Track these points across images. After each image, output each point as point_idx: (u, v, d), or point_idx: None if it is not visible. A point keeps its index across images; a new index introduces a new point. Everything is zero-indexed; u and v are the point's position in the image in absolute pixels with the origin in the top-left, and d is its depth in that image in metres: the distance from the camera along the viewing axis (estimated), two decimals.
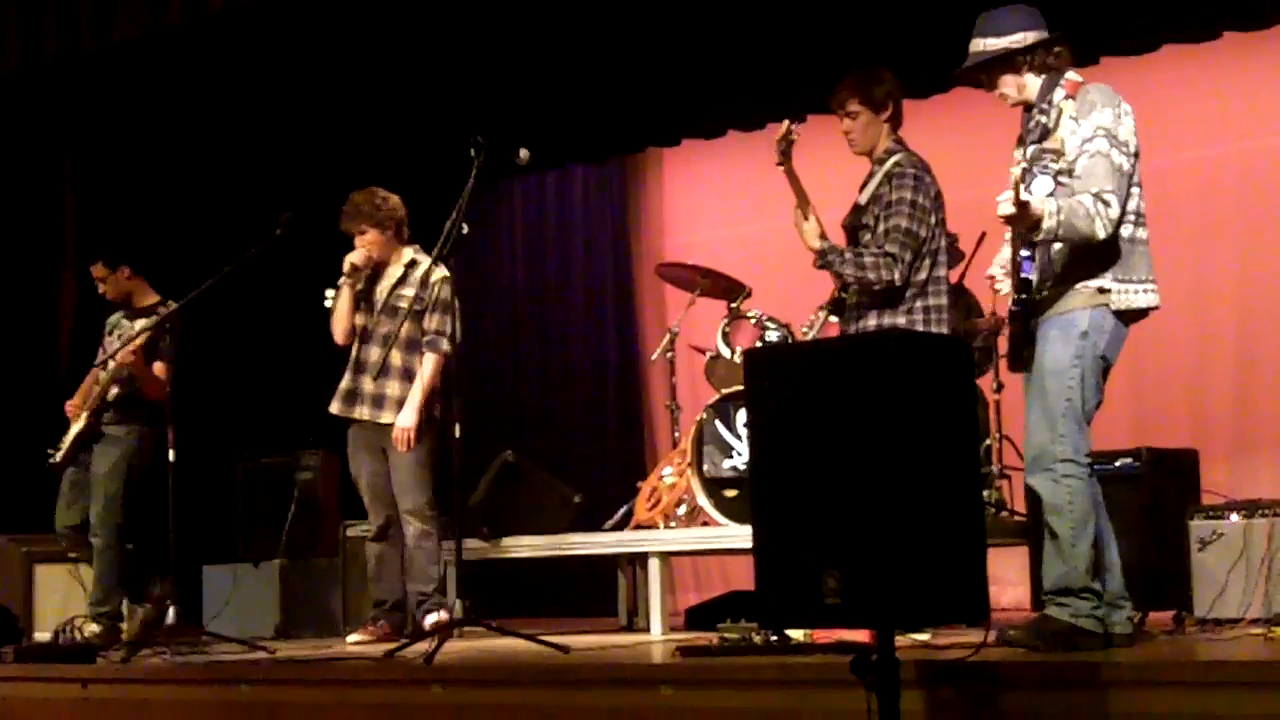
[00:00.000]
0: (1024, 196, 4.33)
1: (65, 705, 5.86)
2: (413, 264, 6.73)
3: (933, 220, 5.47)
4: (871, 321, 5.47)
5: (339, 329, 6.74)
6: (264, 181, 9.30)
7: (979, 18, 4.81)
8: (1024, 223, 4.40)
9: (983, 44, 4.75)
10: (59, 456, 7.18)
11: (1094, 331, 4.52)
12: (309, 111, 9.35)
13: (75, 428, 7.17)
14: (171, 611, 6.61)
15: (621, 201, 10.02)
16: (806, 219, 5.56)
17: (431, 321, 6.63)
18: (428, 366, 6.59)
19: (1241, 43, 7.45)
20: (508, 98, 8.86)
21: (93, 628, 6.93)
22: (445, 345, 6.52)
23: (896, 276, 5.37)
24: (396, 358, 6.60)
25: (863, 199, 5.58)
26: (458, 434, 5.99)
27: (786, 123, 5.57)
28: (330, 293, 6.73)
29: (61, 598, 7.61)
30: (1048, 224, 4.38)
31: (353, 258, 6.66)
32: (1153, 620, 5.52)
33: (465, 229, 6.09)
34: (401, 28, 8.78)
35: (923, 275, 5.46)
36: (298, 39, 8.81)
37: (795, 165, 5.61)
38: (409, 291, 6.65)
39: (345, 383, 6.69)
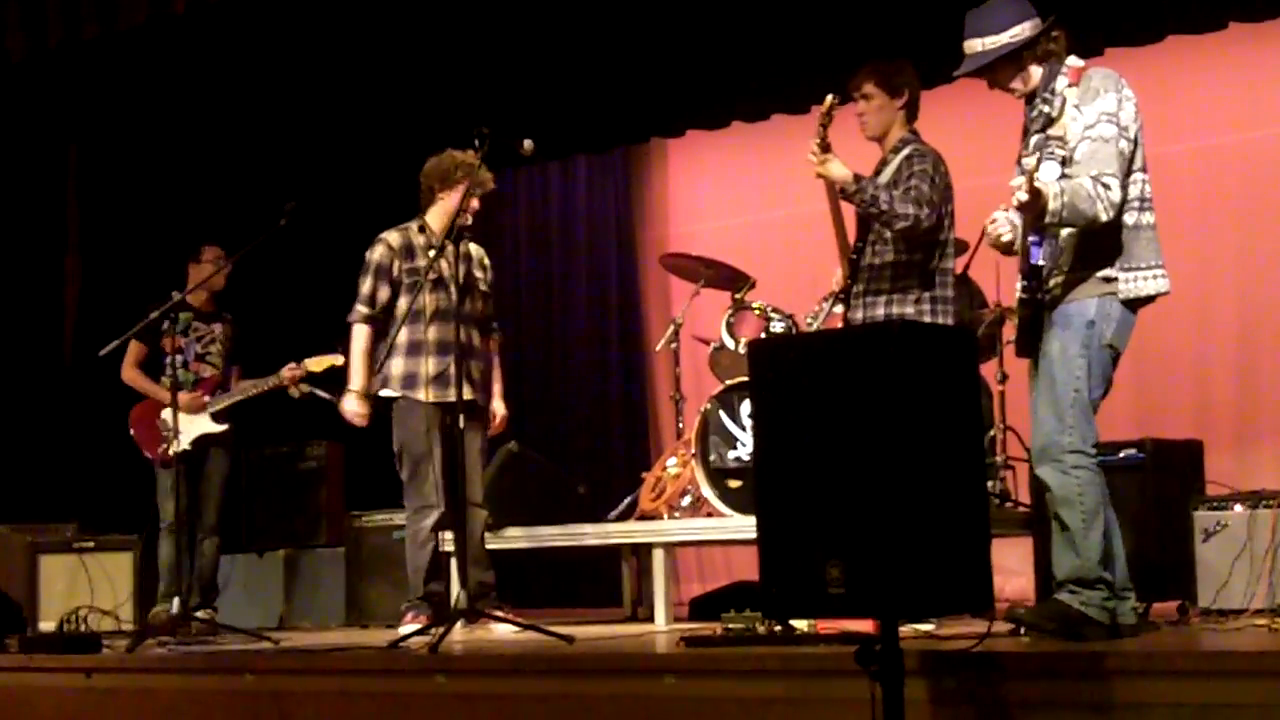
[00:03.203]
0: (1037, 184, 4.32)
1: (70, 695, 5.85)
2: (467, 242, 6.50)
3: (942, 209, 5.45)
4: (880, 311, 5.45)
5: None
6: (268, 170, 9.30)
7: (968, 16, 4.73)
8: (1035, 209, 4.39)
9: (980, 44, 4.69)
10: (174, 450, 7.04)
11: (1100, 320, 4.51)
12: (313, 101, 9.34)
13: (208, 427, 7.34)
14: (175, 602, 6.61)
15: (625, 192, 10.01)
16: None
17: (491, 305, 6.62)
18: (497, 351, 6.64)
19: (1247, 34, 7.43)
20: (512, 88, 8.85)
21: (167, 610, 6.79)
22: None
23: (924, 217, 5.29)
24: (476, 338, 6.43)
25: None
26: (463, 424, 6.00)
27: (830, 98, 5.37)
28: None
29: (65, 588, 7.60)
30: (1053, 205, 4.37)
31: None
32: (1157, 611, 5.52)
33: (469, 220, 6.08)
34: (406, 17, 8.77)
35: (931, 265, 5.44)
36: (302, 28, 8.80)
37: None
38: (479, 272, 6.54)
39: (433, 368, 6.28)
